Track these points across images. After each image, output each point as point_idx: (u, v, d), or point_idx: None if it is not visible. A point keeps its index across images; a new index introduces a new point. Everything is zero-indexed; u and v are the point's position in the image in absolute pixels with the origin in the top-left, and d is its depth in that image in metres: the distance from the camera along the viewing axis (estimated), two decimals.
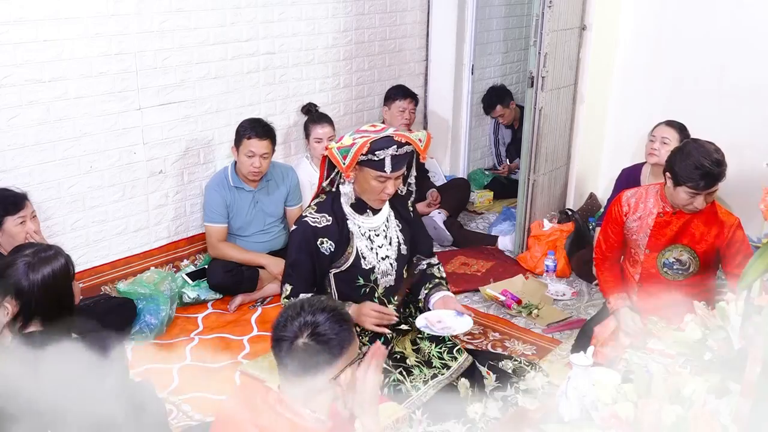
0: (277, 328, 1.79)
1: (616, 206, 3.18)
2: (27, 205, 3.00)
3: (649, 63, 4.43)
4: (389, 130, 2.61)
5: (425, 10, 5.18)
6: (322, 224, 2.66)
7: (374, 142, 2.52)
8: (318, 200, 2.75)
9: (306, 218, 2.67)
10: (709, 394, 1.69)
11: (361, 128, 2.66)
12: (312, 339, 1.73)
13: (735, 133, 3.95)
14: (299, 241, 2.66)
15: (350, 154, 2.52)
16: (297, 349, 1.73)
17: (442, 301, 2.81)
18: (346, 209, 2.69)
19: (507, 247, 4.56)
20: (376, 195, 2.64)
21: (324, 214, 2.67)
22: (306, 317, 1.75)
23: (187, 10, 3.79)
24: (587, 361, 2.11)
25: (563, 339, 3.52)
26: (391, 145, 2.54)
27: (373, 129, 2.63)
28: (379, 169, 2.56)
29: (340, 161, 2.55)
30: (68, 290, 2.16)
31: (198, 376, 3.19)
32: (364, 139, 2.53)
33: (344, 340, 1.77)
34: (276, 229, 4.03)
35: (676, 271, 3.05)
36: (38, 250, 2.12)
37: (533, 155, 4.32)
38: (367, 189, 2.63)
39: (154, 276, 3.70)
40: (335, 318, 1.77)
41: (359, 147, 2.51)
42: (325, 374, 1.75)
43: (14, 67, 3.23)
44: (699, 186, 2.83)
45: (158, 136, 3.83)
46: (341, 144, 2.57)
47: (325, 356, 1.74)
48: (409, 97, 4.73)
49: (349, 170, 2.55)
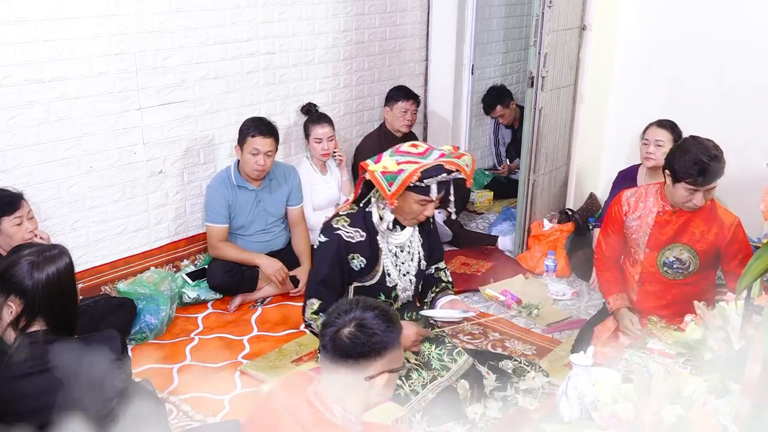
0: (327, 316, 1.82)
1: (616, 206, 3.18)
2: (23, 205, 2.98)
3: (649, 63, 4.43)
4: (434, 153, 2.53)
5: (425, 10, 5.18)
6: (356, 239, 2.59)
7: (425, 171, 2.45)
8: (350, 211, 2.64)
9: (339, 231, 2.57)
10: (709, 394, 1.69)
11: (401, 149, 2.55)
12: (357, 329, 1.75)
13: (735, 133, 3.94)
14: (331, 255, 2.57)
15: (397, 181, 2.44)
16: (341, 337, 1.75)
17: (449, 304, 2.83)
18: (375, 223, 2.62)
19: (507, 247, 4.56)
20: (414, 216, 2.59)
21: (358, 228, 2.59)
22: (357, 312, 1.78)
23: (187, 10, 3.79)
24: (587, 361, 2.11)
25: (563, 339, 3.52)
26: (441, 173, 2.48)
27: (415, 151, 2.53)
28: (424, 194, 2.51)
29: (385, 188, 2.45)
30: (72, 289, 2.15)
31: (198, 376, 3.19)
32: (413, 167, 2.44)
33: (389, 340, 1.77)
34: (277, 229, 4.03)
35: (676, 270, 3.05)
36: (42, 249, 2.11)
37: (533, 155, 4.32)
38: (406, 210, 2.56)
39: (154, 276, 3.70)
40: (385, 318, 1.79)
41: (408, 175, 2.43)
42: (361, 370, 1.75)
43: (14, 67, 3.23)
44: (697, 182, 2.83)
45: (158, 136, 3.83)
46: (385, 168, 2.47)
47: (366, 350, 1.74)
48: (412, 98, 4.73)
49: (394, 198, 2.47)
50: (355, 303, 1.82)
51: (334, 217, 2.65)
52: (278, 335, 3.57)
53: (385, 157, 2.54)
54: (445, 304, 2.82)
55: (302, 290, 3.91)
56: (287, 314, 3.77)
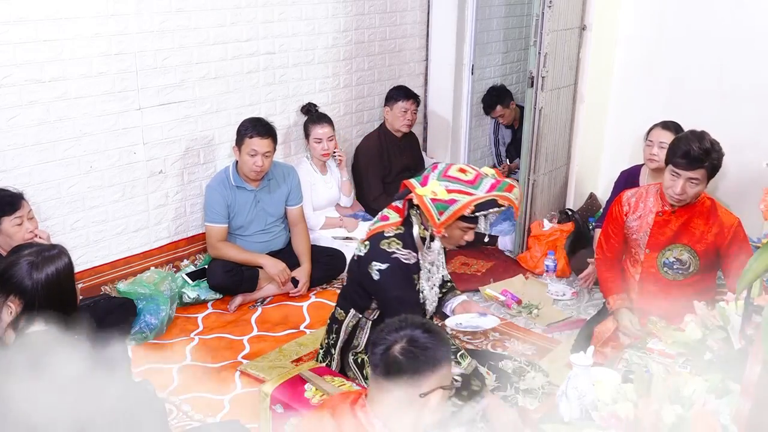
0: (377, 335, 1.80)
1: (617, 206, 3.19)
2: (24, 205, 2.98)
3: (649, 63, 4.43)
4: (485, 182, 2.49)
5: (425, 10, 5.18)
6: (412, 261, 2.57)
7: (478, 204, 2.43)
8: (398, 232, 2.58)
9: (396, 255, 2.53)
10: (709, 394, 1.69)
11: (450, 173, 2.51)
12: (410, 345, 1.73)
13: (735, 133, 3.94)
14: (398, 279, 2.53)
15: (448, 212, 2.43)
16: (394, 354, 1.73)
17: (462, 307, 2.83)
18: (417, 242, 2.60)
19: (507, 247, 4.56)
20: (455, 241, 2.59)
21: (409, 250, 2.56)
22: (407, 330, 1.76)
23: (187, 10, 3.79)
24: (587, 361, 2.11)
25: (563, 339, 3.52)
26: (492, 208, 2.46)
27: (465, 178, 2.49)
28: (472, 224, 2.50)
29: (434, 216, 2.44)
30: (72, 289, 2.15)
31: (198, 376, 3.19)
32: (466, 199, 2.43)
33: (440, 356, 1.75)
34: (276, 229, 4.03)
35: (677, 270, 3.05)
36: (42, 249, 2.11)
37: (533, 155, 4.32)
38: (448, 236, 2.54)
39: (154, 276, 3.70)
40: (435, 335, 1.76)
41: (461, 207, 2.42)
42: (415, 386, 1.72)
43: (14, 67, 3.23)
44: (678, 164, 2.86)
45: (158, 136, 3.83)
46: (434, 195, 2.45)
47: (419, 365, 1.72)
48: (412, 98, 4.73)
49: (442, 227, 2.46)
50: (404, 320, 1.80)
51: (381, 238, 2.57)
52: (278, 335, 3.57)
53: (432, 180, 2.50)
54: (458, 307, 2.83)
55: (302, 291, 3.91)
56: (287, 314, 3.77)
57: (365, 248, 2.61)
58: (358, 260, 2.65)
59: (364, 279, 2.61)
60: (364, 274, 2.59)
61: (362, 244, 2.64)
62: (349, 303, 2.74)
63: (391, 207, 2.66)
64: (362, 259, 2.60)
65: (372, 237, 2.60)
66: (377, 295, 2.61)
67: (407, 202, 2.59)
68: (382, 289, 2.56)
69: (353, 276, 2.73)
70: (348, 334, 2.74)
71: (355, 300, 2.71)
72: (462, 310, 2.82)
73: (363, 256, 2.60)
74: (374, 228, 2.64)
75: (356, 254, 2.67)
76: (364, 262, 2.59)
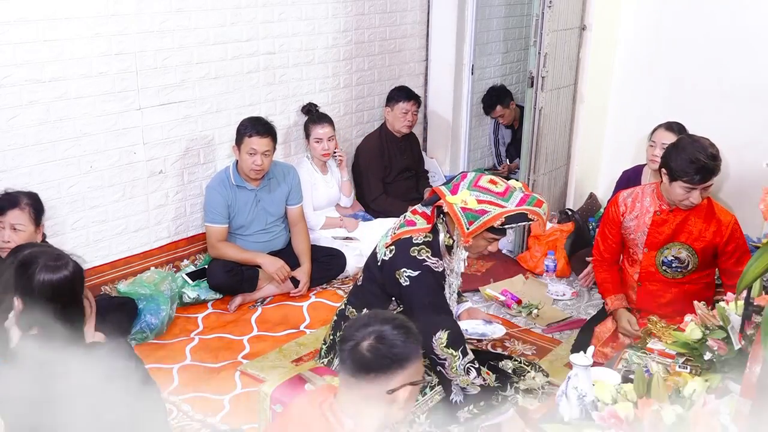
0: (346, 331, 1.80)
1: (613, 207, 3.19)
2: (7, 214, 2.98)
3: (649, 63, 4.43)
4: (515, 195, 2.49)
5: (425, 10, 5.18)
6: (440, 269, 2.57)
7: (509, 217, 2.45)
8: (426, 239, 2.56)
9: (427, 263, 2.53)
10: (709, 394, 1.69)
11: (481, 184, 2.52)
12: (377, 342, 1.72)
13: (735, 133, 3.95)
14: (430, 285, 2.53)
15: (478, 222, 2.44)
16: (361, 350, 1.72)
17: (467, 313, 2.83)
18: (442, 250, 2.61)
19: (507, 247, 4.56)
20: (479, 251, 2.60)
21: (438, 258, 2.56)
22: (375, 325, 1.75)
23: (187, 10, 3.79)
24: (587, 361, 2.11)
25: (563, 339, 3.52)
26: (522, 221, 2.48)
27: (496, 190, 2.50)
28: (499, 235, 2.52)
29: (464, 225, 2.45)
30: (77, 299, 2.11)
31: (198, 376, 3.19)
32: (497, 211, 2.44)
33: (409, 352, 1.74)
34: (277, 229, 4.03)
35: (675, 269, 3.05)
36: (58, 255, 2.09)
37: (533, 155, 4.32)
38: (472, 245, 2.55)
39: (154, 276, 3.70)
40: (403, 330, 1.75)
41: (491, 218, 2.43)
42: (382, 383, 1.72)
43: (14, 67, 3.23)
44: (694, 180, 2.84)
45: (158, 136, 3.83)
46: (465, 204, 2.46)
47: (386, 362, 1.71)
48: (413, 99, 4.73)
49: (470, 237, 2.46)
50: (372, 316, 1.80)
51: (410, 245, 2.55)
52: (278, 335, 3.57)
53: (462, 189, 2.50)
54: (463, 314, 2.83)
55: (302, 291, 3.91)
56: (287, 314, 3.77)
57: (391, 253, 2.58)
58: (381, 264, 2.62)
59: (389, 283, 2.59)
60: (390, 279, 2.58)
61: (387, 248, 2.61)
62: (362, 302, 2.72)
63: (418, 213, 2.64)
64: (387, 263, 2.58)
65: (399, 242, 2.58)
66: (405, 301, 2.59)
67: (436, 210, 2.58)
68: (414, 296, 2.54)
69: (372, 277, 2.70)
70: None
71: (370, 301, 2.69)
72: (467, 316, 2.83)
73: (388, 260, 2.58)
74: (400, 232, 2.61)
75: (380, 258, 2.63)
76: (389, 266, 2.57)
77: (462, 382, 2.53)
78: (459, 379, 2.53)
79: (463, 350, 2.53)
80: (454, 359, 2.51)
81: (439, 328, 2.50)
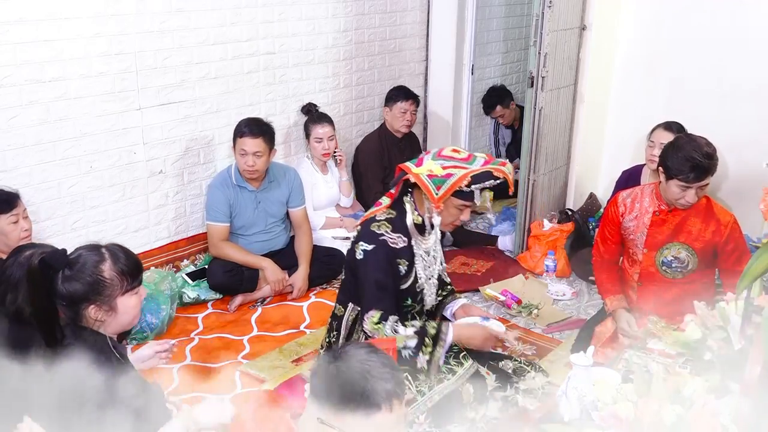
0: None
1: (613, 207, 3.19)
2: (19, 204, 3.03)
3: (649, 63, 4.43)
4: (478, 159, 2.54)
5: (425, 10, 5.18)
6: (400, 245, 2.57)
7: (475, 176, 2.47)
8: (389, 216, 2.60)
9: (384, 237, 2.54)
10: (709, 394, 1.69)
11: (444, 153, 2.56)
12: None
13: (735, 133, 3.95)
14: (381, 262, 2.54)
15: (446, 185, 2.46)
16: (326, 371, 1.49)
17: (462, 310, 2.83)
18: (410, 228, 2.62)
19: (507, 247, 4.56)
20: (451, 221, 2.61)
21: (399, 234, 2.58)
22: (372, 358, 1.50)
23: (187, 10, 3.79)
24: (587, 361, 2.11)
25: (563, 339, 3.52)
26: (488, 180, 2.50)
27: (459, 156, 2.54)
28: (467, 200, 2.53)
29: (432, 191, 2.47)
30: None
31: (198, 376, 3.19)
32: (462, 172, 2.47)
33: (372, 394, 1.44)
34: (277, 229, 4.03)
35: (675, 269, 3.05)
36: None
37: (533, 155, 4.32)
38: (444, 215, 2.57)
39: (154, 276, 3.70)
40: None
41: (458, 180, 2.45)
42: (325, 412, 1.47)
43: (14, 67, 3.23)
44: (689, 178, 2.85)
45: (158, 136, 3.83)
46: (431, 172, 2.49)
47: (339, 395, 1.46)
48: (411, 99, 4.73)
49: (440, 201, 2.48)
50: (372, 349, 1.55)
51: (371, 222, 2.59)
52: (278, 335, 3.57)
53: (427, 161, 2.53)
54: (459, 311, 2.82)
55: (297, 296, 3.91)
56: (287, 314, 3.77)
57: (356, 232, 2.64)
58: (351, 247, 2.66)
59: (351, 261, 2.63)
60: (351, 255, 2.62)
61: (355, 229, 2.68)
62: (347, 297, 2.75)
63: (387, 194, 2.69)
64: (352, 243, 2.63)
65: (364, 222, 2.64)
66: (358, 275, 2.61)
67: (402, 186, 2.61)
68: (364, 270, 2.57)
69: (348, 267, 2.74)
70: (348, 329, 2.74)
71: (352, 292, 2.71)
72: (463, 313, 2.82)
73: (353, 239, 2.64)
74: (367, 213, 2.68)
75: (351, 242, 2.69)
76: (352, 244, 2.62)
77: (398, 343, 2.53)
78: None
79: (385, 317, 2.53)
80: (381, 330, 2.53)
81: (373, 307, 2.53)
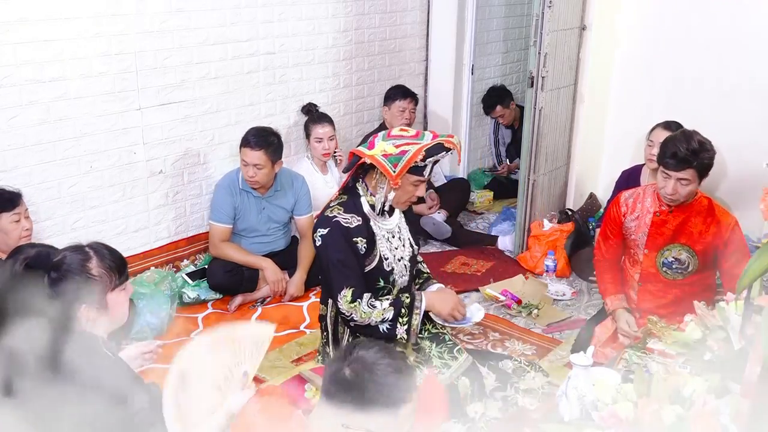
0: None
1: (615, 207, 3.20)
2: (22, 203, 3.05)
3: (649, 63, 4.43)
4: (427, 134, 2.61)
5: (425, 10, 5.18)
6: (354, 224, 2.61)
7: (428, 150, 2.53)
8: (340, 200, 2.67)
9: (336, 218, 2.59)
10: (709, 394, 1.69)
11: (393, 133, 2.62)
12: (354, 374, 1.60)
13: (735, 133, 3.95)
14: (338, 242, 2.57)
15: (402, 162, 2.50)
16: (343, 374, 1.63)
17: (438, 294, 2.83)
18: (366, 210, 2.66)
19: (507, 247, 4.56)
20: (408, 198, 2.66)
21: (353, 214, 2.62)
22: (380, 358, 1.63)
23: (187, 10, 3.79)
24: (587, 361, 2.11)
25: (563, 339, 3.52)
26: (440, 152, 2.56)
27: (408, 134, 2.61)
28: (420, 174, 2.58)
29: (389, 170, 2.50)
30: None
31: None
32: (415, 147, 2.52)
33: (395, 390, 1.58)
34: (279, 232, 4.03)
35: (676, 270, 3.05)
36: None
37: (533, 155, 4.32)
38: (400, 193, 2.62)
39: (154, 276, 3.70)
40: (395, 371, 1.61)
41: (413, 155, 2.50)
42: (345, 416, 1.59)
43: (14, 67, 3.23)
44: (668, 165, 2.87)
45: (158, 136, 3.83)
46: (384, 152, 2.53)
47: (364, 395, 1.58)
48: (409, 97, 4.73)
49: (398, 178, 2.52)
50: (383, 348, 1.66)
51: (325, 209, 2.67)
52: (278, 335, 3.56)
53: (379, 142, 2.58)
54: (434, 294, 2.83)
55: (287, 300, 3.89)
56: (287, 314, 3.77)
57: None
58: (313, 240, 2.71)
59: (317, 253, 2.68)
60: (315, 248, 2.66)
61: None
62: (326, 294, 2.77)
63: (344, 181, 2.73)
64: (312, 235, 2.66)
65: (320, 213, 2.70)
66: (322, 262, 2.65)
67: (354, 172, 2.66)
68: (325, 254, 2.61)
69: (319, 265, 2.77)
70: (333, 325, 2.75)
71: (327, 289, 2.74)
72: None
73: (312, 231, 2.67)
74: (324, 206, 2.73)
75: None
76: (312, 236, 2.66)
77: (376, 317, 2.57)
78: (371, 318, 2.57)
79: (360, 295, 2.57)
80: (358, 308, 2.56)
81: (343, 285, 2.56)
